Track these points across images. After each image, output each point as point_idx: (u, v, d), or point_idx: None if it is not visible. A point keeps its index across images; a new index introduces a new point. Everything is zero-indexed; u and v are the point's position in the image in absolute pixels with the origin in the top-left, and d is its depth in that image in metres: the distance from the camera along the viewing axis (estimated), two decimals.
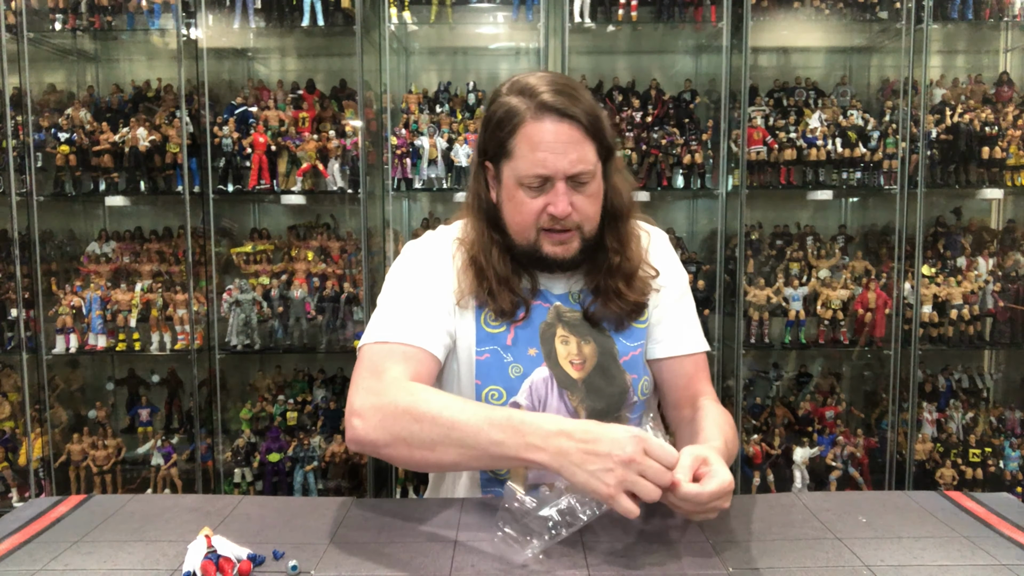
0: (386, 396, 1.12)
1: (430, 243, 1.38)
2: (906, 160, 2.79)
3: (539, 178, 1.22)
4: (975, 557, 1.02)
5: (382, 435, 1.10)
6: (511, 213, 1.27)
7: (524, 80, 1.25)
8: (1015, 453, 2.82)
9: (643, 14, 2.84)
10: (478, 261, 1.30)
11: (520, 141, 1.21)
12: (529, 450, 1.01)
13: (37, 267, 2.83)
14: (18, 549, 1.06)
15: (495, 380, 1.29)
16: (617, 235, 1.32)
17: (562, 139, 1.20)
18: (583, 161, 1.21)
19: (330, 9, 2.79)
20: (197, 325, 2.84)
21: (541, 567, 0.99)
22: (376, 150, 2.92)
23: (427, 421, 1.07)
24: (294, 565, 0.97)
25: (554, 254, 1.27)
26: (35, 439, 2.87)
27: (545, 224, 1.25)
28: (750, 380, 3.02)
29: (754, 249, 2.95)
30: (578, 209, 1.24)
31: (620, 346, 1.34)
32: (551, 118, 1.20)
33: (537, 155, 1.20)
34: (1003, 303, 2.86)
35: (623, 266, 1.32)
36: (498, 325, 1.31)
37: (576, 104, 1.21)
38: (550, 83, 1.22)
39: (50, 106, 2.95)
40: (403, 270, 1.34)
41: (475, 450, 1.05)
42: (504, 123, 1.23)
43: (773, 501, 1.23)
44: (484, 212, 1.31)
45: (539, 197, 1.23)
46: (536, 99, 1.21)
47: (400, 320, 1.24)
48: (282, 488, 2.82)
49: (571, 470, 0.98)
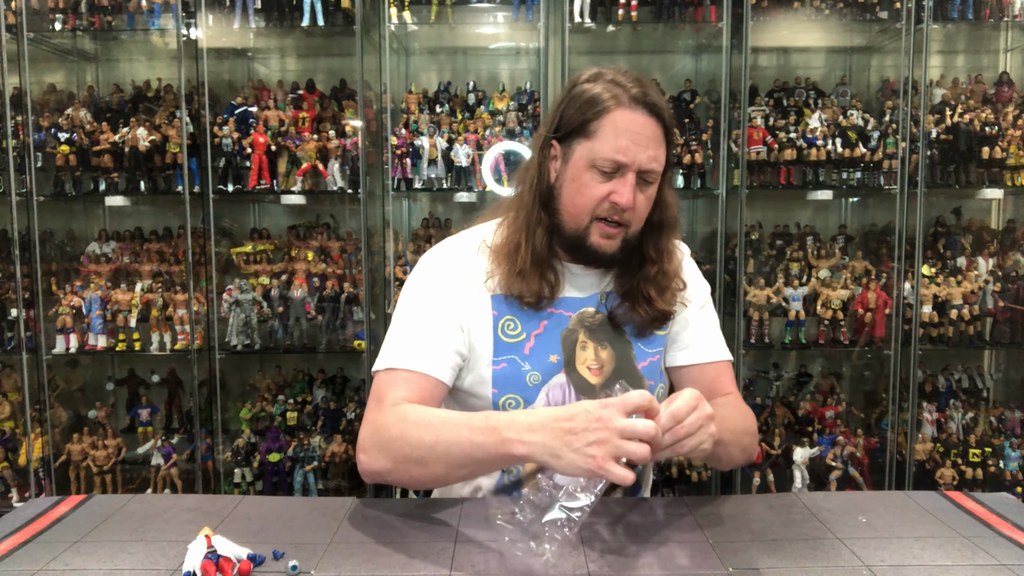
0: (381, 425, 1.17)
1: (448, 253, 1.37)
2: (906, 160, 2.79)
3: (615, 164, 1.23)
4: (975, 557, 1.02)
5: (383, 463, 1.16)
6: (571, 194, 1.27)
7: (612, 74, 1.26)
8: (1015, 453, 2.82)
9: (643, 14, 2.84)
10: (516, 240, 1.30)
11: (606, 124, 1.22)
12: (508, 444, 1.03)
13: (37, 267, 2.83)
14: (18, 549, 1.06)
15: (512, 389, 1.29)
16: (657, 245, 1.34)
17: (647, 133, 1.22)
18: (657, 160, 1.24)
19: (330, 9, 2.79)
20: (197, 325, 2.84)
21: (541, 565, 0.99)
22: (376, 150, 2.92)
23: (415, 440, 1.12)
24: (294, 565, 0.97)
25: (599, 246, 1.28)
26: (35, 439, 2.87)
27: (602, 212, 1.26)
28: (750, 380, 3.02)
29: (754, 249, 2.95)
30: (637, 206, 1.26)
31: (638, 351, 1.35)
32: (642, 111, 1.22)
33: (620, 141, 1.22)
34: (1003, 303, 2.86)
35: (658, 277, 1.33)
36: (516, 333, 1.31)
37: (664, 108, 1.24)
38: (648, 85, 1.25)
39: (50, 106, 2.95)
40: (416, 287, 1.34)
41: (461, 458, 1.08)
42: (593, 103, 1.23)
43: (773, 501, 1.23)
44: (539, 190, 1.31)
45: (606, 183, 1.24)
46: (629, 92, 1.22)
47: (407, 346, 1.27)
48: (282, 488, 2.82)
49: (554, 454, 0.99)
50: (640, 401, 0.97)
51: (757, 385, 3.05)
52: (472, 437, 1.06)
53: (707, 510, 1.18)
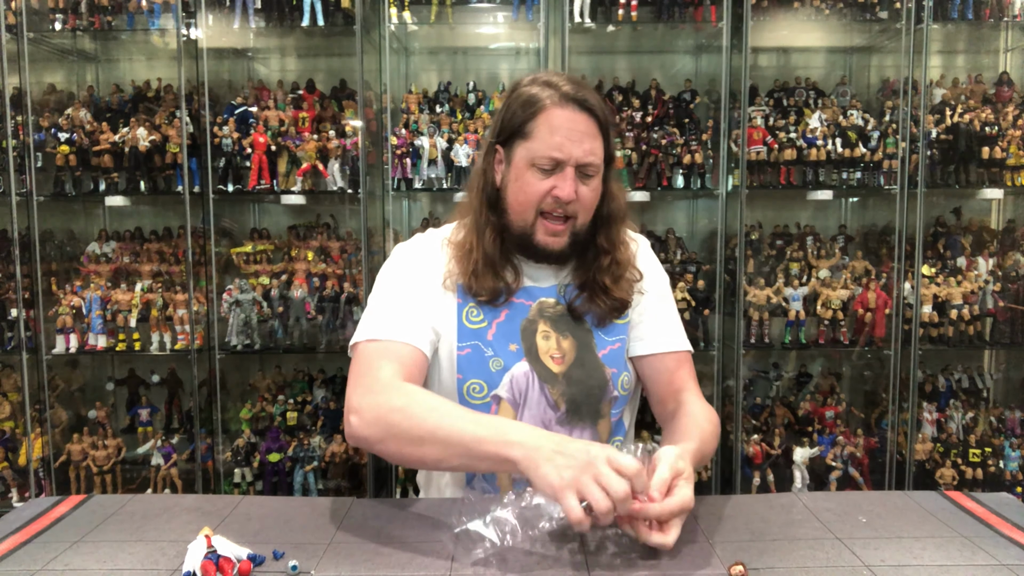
0: (382, 395, 1.19)
1: (418, 244, 1.45)
2: (906, 160, 2.79)
3: (552, 161, 1.29)
4: (975, 557, 1.02)
5: (376, 431, 1.17)
6: (515, 193, 1.33)
7: (546, 76, 1.33)
8: (1015, 453, 2.82)
9: (643, 14, 2.84)
10: (469, 243, 1.36)
11: (540, 124, 1.29)
12: (508, 447, 1.05)
13: (37, 267, 2.83)
14: (18, 549, 1.06)
15: (476, 374, 1.34)
16: (610, 237, 1.40)
17: (580, 128, 1.28)
18: (594, 153, 1.30)
19: (330, 9, 2.79)
20: (197, 325, 2.84)
21: (540, 566, 0.99)
22: (376, 150, 2.92)
23: (418, 419, 1.13)
24: (294, 565, 0.97)
25: (546, 244, 1.34)
26: (35, 439, 2.87)
27: (546, 207, 1.31)
28: (750, 380, 3.02)
29: (754, 249, 2.95)
30: (580, 198, 1.31)
31: (598, 340, 1.39)
32: (573, 107, 1.28)
33: (555, 139, 1.28)
34: (1003, 303, 2.86)
35: (612, 267, 1.39)
36: (479, 320, 1.36)
37: (596, 101, 1.30)
38: (571, 80, 1.32)
39: (50, 106, 2.95)
40: (391, 270, 1.41)
41: (459, 447, 1.10)
42: (527, 106, 1.30)
43: (773, 501, 1.23)
44: (486, 193, 1.38)
45: (547, 180, 1.30)
46: (560, 90, 1.29)
47: (390, 318, 1.32)
48: (282, 488, 2.82)
49: (536, 464, 1.01)
50: (629, 469, 0.97)
51: (757, 385, 3.05)
52: (476, 431, 1.09)
53: (707, 510, 1.18)
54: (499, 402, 1.34)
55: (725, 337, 2.88)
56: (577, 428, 1.35)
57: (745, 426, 2.87)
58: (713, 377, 2.85)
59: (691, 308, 2.80)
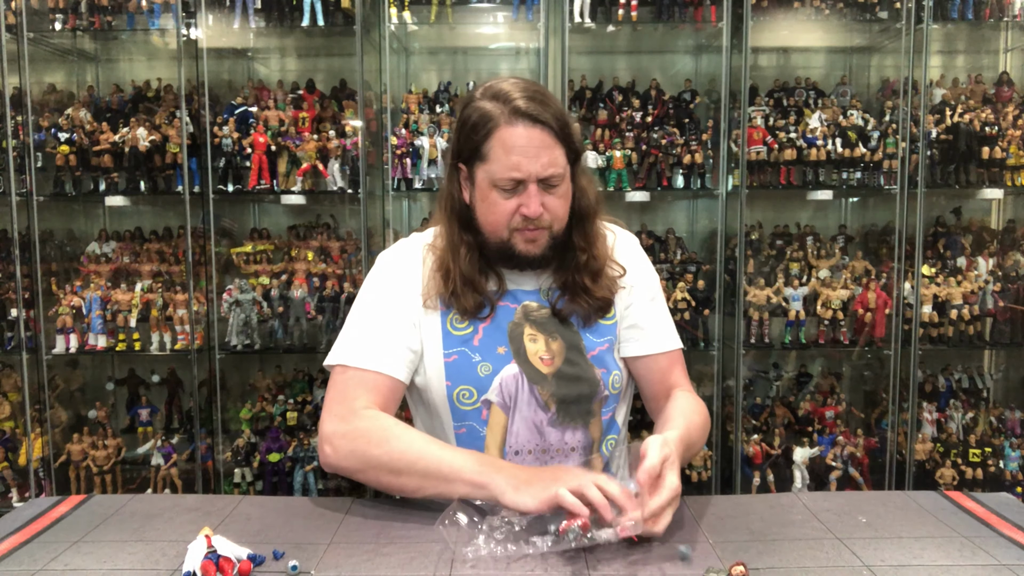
0: (357, 428, 1.23)
1: (400, 253, 1.44)
2: (906, 160, 2.79)
3: (513, 181, 1.27)
4: (975, 557, 1.02)
5: (352, 463, 1.22)
6: (484, 213, 1.32)
7: (497, 86, 1.29)
8: (1015, 453, 2.82)
9: (643, 14, 2.84)
10: (446, 262, 1.36)
11: (494, 145, 1.27)
12: (483, 476, 1.13)
13: (37, 267, 2.83)
14: (18, 549, 1.06)
15: (465, 380, 1.34)
16: (584, 234, 1.38)
17: (534, 143, 1.25)
18: (554, 164, 1.27)
19: (330, 9, 2.79)
20: (197, 325, 2.84)
21: (540, 566, 0.99)
22: (376, 150, 2.92)
23: (396, 453, 1.19)
24: (294, 565, 0.97)
25: (526, 251, 1.33)
26: (35, 439, 2.87)
27: (517, 225, 1.30)
28: (750, 380, 3.02)
29: (754, 249, 2.95)
30: (549, 209, 1.30)
31: (587, 341, 1.39)
32: (524, 123, 1.25)
33: (511, 159, 1.25)
34: (1003, 303, 2.86)
35: (590, 263, 1.37)
36: (464, 326, 1.36)
37: (547, 110, 1.26)
38: (523, 89, 1.28)
39: (50, 106, 2.95)
40: (372, 285, 1.41)
41: (436, 478, 1.16)
42: (479, 127, 1.28)
43: (773, 501, 1.23)
44: (456, 212, 1.37)
45: (512, 199, 1.29)
46: (509, 105, 1.26)
47: (366, 343, 1.32)
48: (282, 488, 2.82)
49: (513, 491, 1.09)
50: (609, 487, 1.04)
51: (757, 385, 3.05)
52: (453, 462, 1.16)
53: (707, 510, 1.19)
54: (490, 406, 1.34)
55: (725, 337, 2.88)
56: (569, 428, 1.35)
57: (745, 426, 2.87)
58: (713, 377, 2.85)
59: (691, 308, 2.80)
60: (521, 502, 1.07)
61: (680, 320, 2.74)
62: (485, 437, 1.34)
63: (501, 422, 1.34)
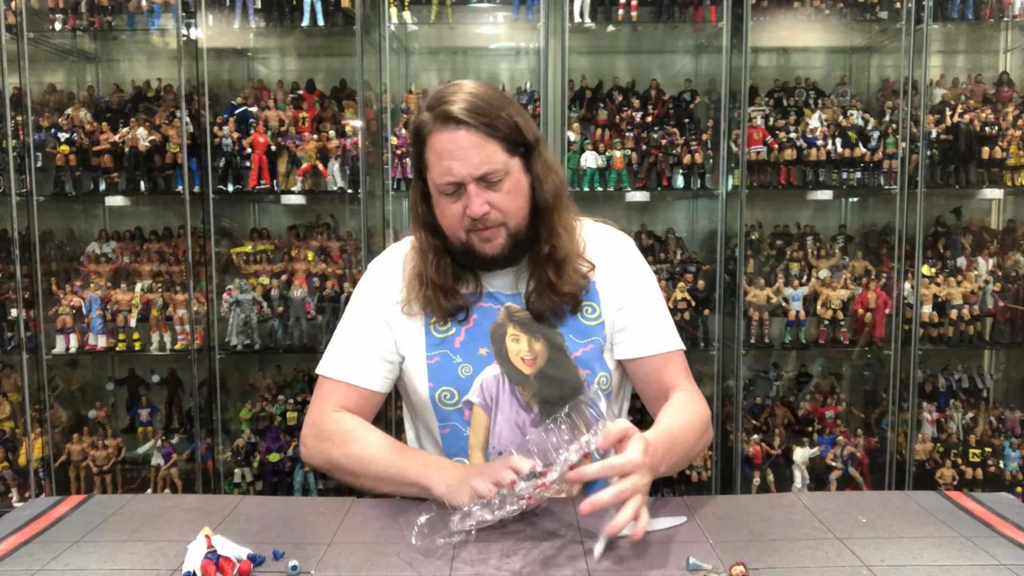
0: (324, 431, 1.35)
1: (388, 259, 1.48)
2: (906, 160, 2.79)
3: (450, 184, 1.29)
4: (975, 557, 1.02)
5: (320, 463, 1.36)
6: (440, 218, 1.35)
7: (433, 93, 1.31)
8: (1015, 453, 2.82)
9: (643, 14, 2.84)
10: (419, 269, 1.39)
11: (429, 153, 1.30)
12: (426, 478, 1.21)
13: (37, 267, 2.83)
14: (18, 549, 1.06)
15: (446, 381, 1.36)
16: (547, 224, 1.37)
17: (461, 145, 1.26)
18: (488, 162, 1.26)
19: (330, 9, 2.79)
20: (197, 325, 2.84)
21: (540, 566, 0.99)
22: (376, 150, 2.92)
23: (353, 457, 1.30)
24: (294, 565, 0.97)
25: (484, 251, 1.33)
26: (35, 439, 2.87)
27: (468, 226, 1.31)
28: (750, 380, 3.02)
29: (754, 249, 2.95)
30: (497, 206, 1.30)
31: (569, 343, 1.38)
32: (449, 127, 1.26)
33: (443, 163, 1.27)
34: (1003, 303, 2.86)
35: (552, 255, 1.36)
36: (446, 328, 1.38)
37: (472, 110, 1.25)
38: (454, 93, 1.27)
39: (50, 106, 2.95)
40: (356, 295, 1.47)
41: (386, 479, 1.27)
42: (416, 138, 1.32)
43: (773, 501, 1.23)
44: (421, 219, 1.39)
45: (457, 202, 1.30)
46: (435, 111, 1.27)
47: (348, 355, 1.41)
48: (282, 488, 2.82)
49: (451, 491, 1.15)
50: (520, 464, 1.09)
51: (757, 385, 3.05)
52: (400, 465, 1.25)
53: (707, 510, 1.19)
54: (471, 407, 1.35)
55: (725, 337, 2.88)
56: None
57: (745, 426, 2.87)
58: (713, 377, 2.85)
59: (691, 308, 2.80)
60: (455, 499, 1.13)
61: (680, 320, 2.74)
62: (468, 437, 1.36)
63: (483, 422, 1.35)
